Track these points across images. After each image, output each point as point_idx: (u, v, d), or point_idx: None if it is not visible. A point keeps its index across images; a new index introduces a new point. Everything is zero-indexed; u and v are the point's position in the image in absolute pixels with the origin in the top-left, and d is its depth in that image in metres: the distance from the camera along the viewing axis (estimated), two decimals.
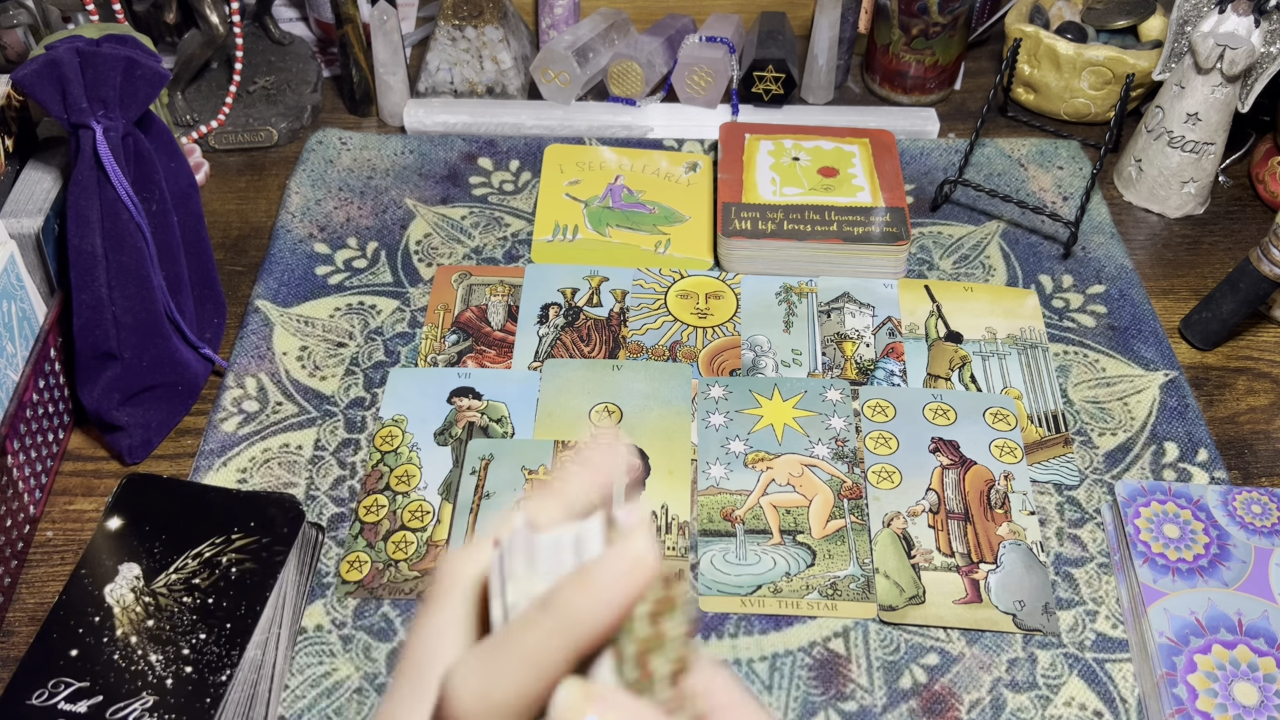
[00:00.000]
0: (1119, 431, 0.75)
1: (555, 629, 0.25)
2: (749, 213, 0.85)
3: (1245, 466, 0.74)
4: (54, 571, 0.66)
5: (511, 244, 0.88)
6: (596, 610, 0.25)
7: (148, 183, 0.70)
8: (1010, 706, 0.61)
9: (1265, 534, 0.66)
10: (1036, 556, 0.67)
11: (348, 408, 0.75)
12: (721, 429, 0.74)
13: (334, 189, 0.92)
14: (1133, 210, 0.94)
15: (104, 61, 0.65)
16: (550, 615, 0.25)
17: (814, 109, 1.02)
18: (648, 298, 0.83)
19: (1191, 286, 0.87)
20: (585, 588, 0.25)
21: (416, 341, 0.80)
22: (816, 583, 0.66)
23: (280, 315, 0.81)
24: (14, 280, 0.68)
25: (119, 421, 0.71)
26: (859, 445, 0.73)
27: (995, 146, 0.98)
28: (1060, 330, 0.82)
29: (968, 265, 0.87)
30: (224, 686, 0.55)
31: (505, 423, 0.74)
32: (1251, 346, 0.83)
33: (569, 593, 0.25)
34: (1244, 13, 0.86)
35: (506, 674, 0.25)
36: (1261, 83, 0.89)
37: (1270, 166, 0.94)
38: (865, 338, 0.81)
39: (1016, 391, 0.77)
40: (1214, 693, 0.59)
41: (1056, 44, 0.98)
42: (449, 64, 0.99)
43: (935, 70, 1.02)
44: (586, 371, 0.77)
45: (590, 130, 0.98)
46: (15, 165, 0.73)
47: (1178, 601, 0.62)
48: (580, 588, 0.25)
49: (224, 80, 1.00)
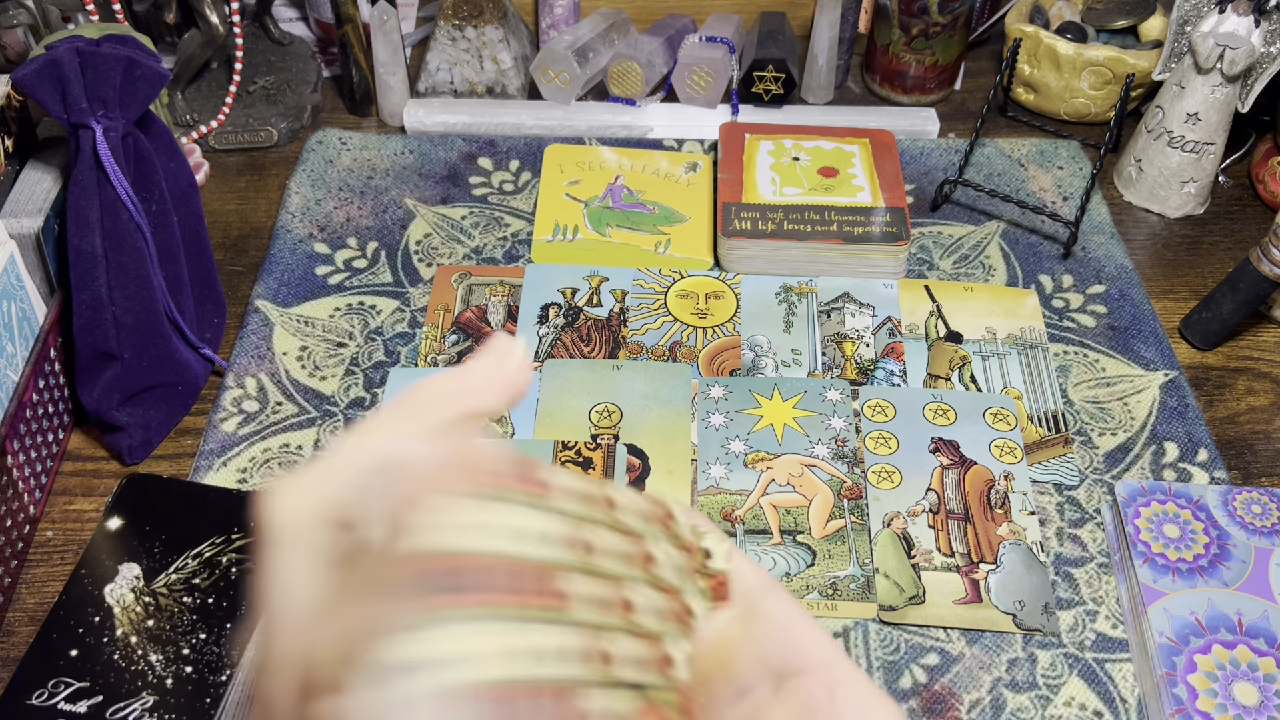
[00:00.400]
0: (1119, 431, 0.75)
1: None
2: (749, 213, 0.85)
3: (1245, 466, 0.74)
4: (54, 571, 0.66)
5: (511, 244, 0.88)
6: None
7: (148, 183, 0.70)
8: (1010, 706, 0.61)
9: (1265, 534, 0.66)
10: (1036, 556, 0.67)
11: (348, 408, 0.75)
12: (721, 429, 0.74)
13: (334, 189, 0.92)
14: (1133, 210, 0.94)
15: (104, 61, 0.65)
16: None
17: (814, 109, 1.02)
18: (648, 298, 0.83)
19: (1191, 286, 0.87)
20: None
21: (416, 342, 0.80)
22: (816, 583, 0.66)
23: (280, 315, 0.81)
24: (14, 280, 0.68)
25: (119, 421, 0.71)
26: (859, 445, 0.73)
27: (995, 146, 0.98)
28: (1060, 330, 0.82)
29: (968, 265, 0.87)
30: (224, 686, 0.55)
31: (505, 423, 0.74)
32: (1251, 346, 0.83)
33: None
34: (1244, 13, 0.86)
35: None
36: (1261, 83, 0.89)
37: (1270, 166, 0.94)
38: (865, 338, 0.81)
39: (1016, 391, 0.77)
40: (1214, 693, 0.59)
41: (1056, 44, 0.98)
42: (449, 64, 0.99)
43: (935, 70, 1.02)
44: (586, 371, 0.77)
45: (590, 130, 0.98)
46: (15, 165, 0.73)
47: (1178, 601, 0.62)
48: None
49: (224, 80, 1.00)
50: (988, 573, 0.66)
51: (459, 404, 0.27)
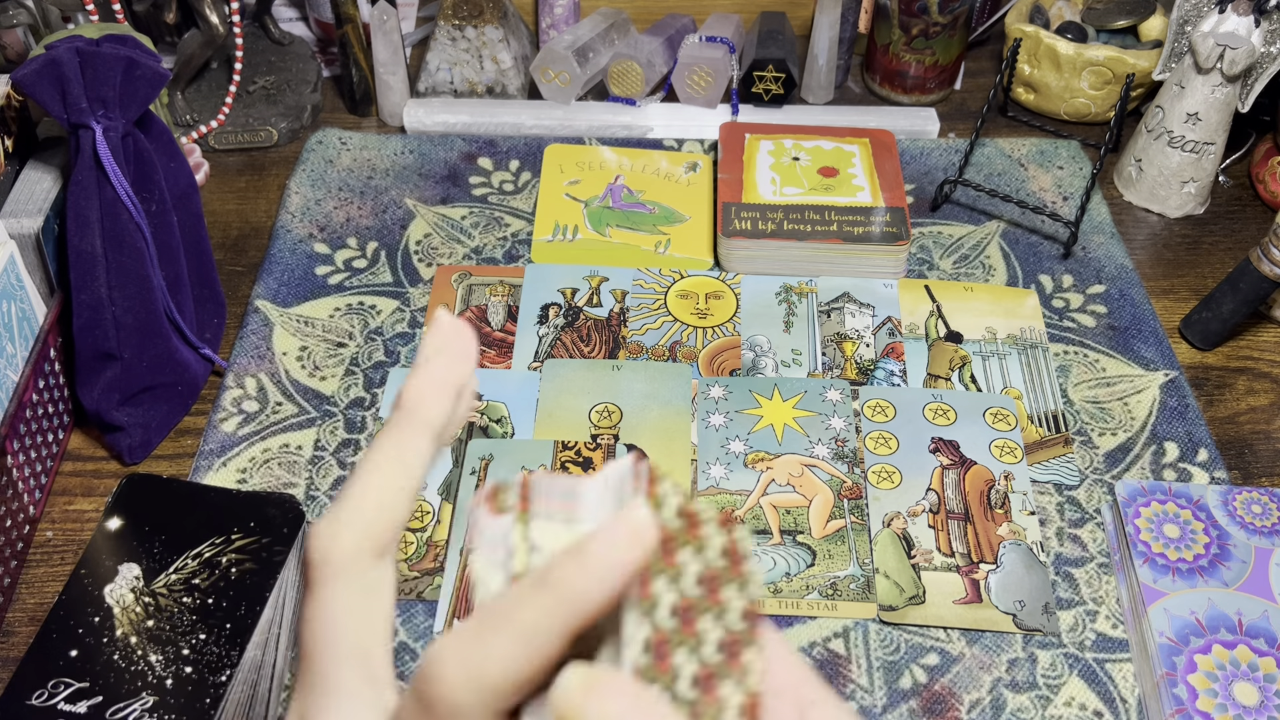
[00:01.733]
0: (1119, 431, 0.75)
1: (551, 606, 0.23)
2: (749, 213, 0.85)
3: (1245, 466, 0.74)
4: (54, 571, 0.66)
5: (511, 244, 0.88)
6: (593, 587, 0.23)
7: (147, 183, 0.70)
8: (1010, 706, 0.61)
9: (1265, 534, 0.66)
10: (1036, 556, 0.67)
11: (348, 408, 0.75)
12: (721, 429, 0.74)
13: (334, 189, 0.92)
14: (1133, 210, 0.94)
15: (104, 61, 0.65)
16: (546, 591, 0.24)
17: (814, 109, 1.02)
18: (648, 298, 0.83)
19: (1191, 286, 0.87)
20: (581, 562, 0.24)
21: (416, 342, 0.80)
22: (816, 583, 0.66)
23: (280, 315, 0.81)
24: (14, 280, 0.68)
25: (119, 421, 0.71)
26: (859, 445, 0.73)
27: (995, 146, 0.98)
28: (1060, 330, 0.82)
29: (968, 265, 0.87)
30: (224, 686, 0.55)
31: (505, 423, 0.74)
32: (1251, 346, 0.83)
33: (565, 567, 0.24)
34: (1244, 13, 0.86)
35: (498, 653, 0.24)
36: (1261, 83, 0.89)
37: (1270, 166, 0.94)
38: (865, 338, 0.81)
39: (1016, 391, 0.77)
40: (1214, 693, 0.59)
41: (1056, 44, 0.98)
42: (449, 64, 0.99)
43: (935, 70, 1.02)
44: (586, 371, 0.77)
45: (590, 130, 0.98)
46: (15, 165, 0.73)
47: (1178, 601, 0.62)
48: (576, 562, 0.24)
49: (224, 80, 1.00)
50: (988, 573, 0.66)
51: (442, 393, 0.29)
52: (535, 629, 0.24)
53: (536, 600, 0.24)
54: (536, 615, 0.24)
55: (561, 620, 0.24)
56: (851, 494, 0.70)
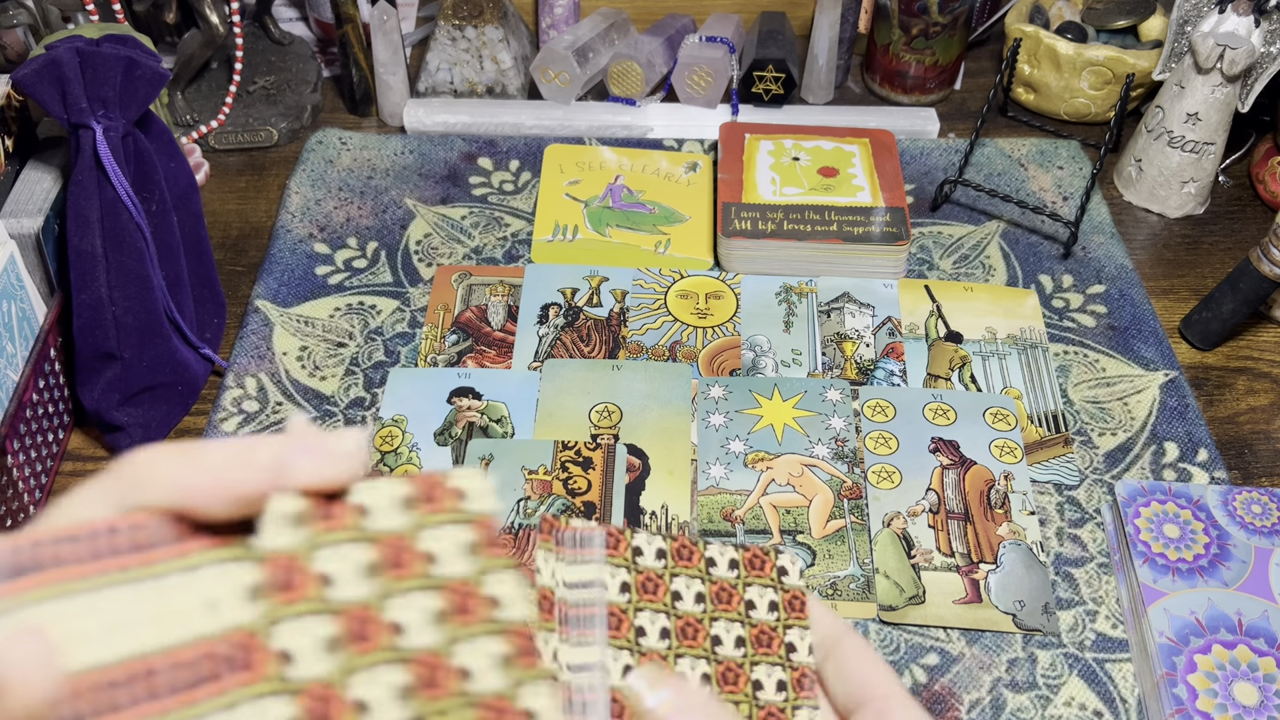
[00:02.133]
0: (1119, 431, 0.75)
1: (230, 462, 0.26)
2: (749, 213, 0.85)
3: (1245, 466, 0.74)
4: None
5: (511, 244, 0.88)
6: (251, 477, 0.25)
7: (148, 183, 0.70)
8: (1010, 706, 0.61)
9: (1265, 534, 0.66)
10: (1036, 556, 0.67)
11: (348, 408, 0.75)
12: (721, 429, 0.74)
13: (334, 189, 0.92)
14: (1133, 210, 0.94)
15: (104, 61, 0.65)
16: (241, 452, 0.26)
17: (814, 109, 1.02)
18: (648, 298, 0.83)
19: (1191, 286, 0.87)
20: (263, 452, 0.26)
21: (416, 341, 0.80)
22: (816, 583, 0.66)
23: (280, 315, 0.81)
24: (14, 280, 0.68)
25: (119, 421, 0.71)
26: (859, 445, 0.73)
27: (995, 146, 0.98)
28: (1060, 330, 0.82)
29: (968, 265, 0.87)
30: None
31: (505, 423, 0.74)
32: (1251, 346, 0.83)
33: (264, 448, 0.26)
34: (1244, 13, 0.86)
35: (189, 465, 0.26)
36: (1261, 83, 0.89)
37: (1270, 166, 0.94)
38: (865, 338, 0.81)
39: (1016, 391, 0.77)
40: (1214, 693, 0.59)
41: (1056, 44, 0.98)
42: (449, 64, 0.99)
43: (935, 70, 1.02)
44: (586, 371, 0.77)
45: (590, 130, 0.98)
46: (15, 165, 0.73)
47: (1178, 601, 0.62)
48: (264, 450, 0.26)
49: (224, 80, 1.00)
50: (988, 573, 0.66)
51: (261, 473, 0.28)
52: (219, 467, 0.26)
53: (226, 451, 0.26)
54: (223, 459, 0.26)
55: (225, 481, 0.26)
56: (851, 494, 0.70)
